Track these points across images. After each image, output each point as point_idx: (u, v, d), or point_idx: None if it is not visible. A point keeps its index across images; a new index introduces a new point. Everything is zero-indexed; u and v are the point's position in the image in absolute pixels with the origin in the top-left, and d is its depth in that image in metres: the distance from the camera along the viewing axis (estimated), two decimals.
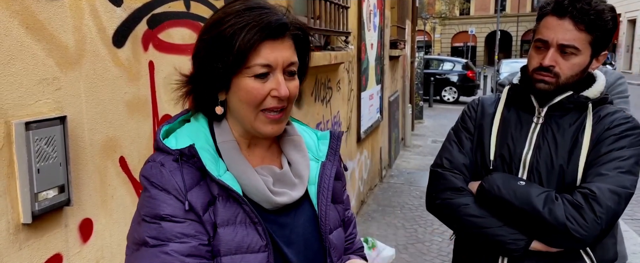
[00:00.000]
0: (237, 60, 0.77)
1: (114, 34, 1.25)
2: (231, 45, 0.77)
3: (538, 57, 1.22)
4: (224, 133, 0.85)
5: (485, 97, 1.44)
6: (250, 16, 0.78)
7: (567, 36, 1.16)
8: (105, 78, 1.22)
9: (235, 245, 0.78)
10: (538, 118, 1.27)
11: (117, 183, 1.28)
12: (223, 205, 0.79)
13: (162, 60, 1.44)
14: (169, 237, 0.74)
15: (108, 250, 1.26)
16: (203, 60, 0.80)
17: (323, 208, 0.91)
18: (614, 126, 1.21)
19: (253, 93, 0.79)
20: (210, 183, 0.79)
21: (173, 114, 1.50)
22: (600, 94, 1.25)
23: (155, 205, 0.76)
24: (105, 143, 1.23)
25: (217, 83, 0.81)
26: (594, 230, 1.11)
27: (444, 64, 15.18)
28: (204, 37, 0.81)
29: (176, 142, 0.82)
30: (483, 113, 1.37)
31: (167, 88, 1.48)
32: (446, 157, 1.35)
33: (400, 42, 6.42)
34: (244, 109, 0.81)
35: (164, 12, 1.44)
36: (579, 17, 1.14)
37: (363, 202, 4.60)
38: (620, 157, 1.17)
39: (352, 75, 4.01)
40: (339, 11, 3.30)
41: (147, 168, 0.80)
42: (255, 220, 0.80)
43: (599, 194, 1.12)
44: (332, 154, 0.95)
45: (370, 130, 4.73)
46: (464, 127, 1.39)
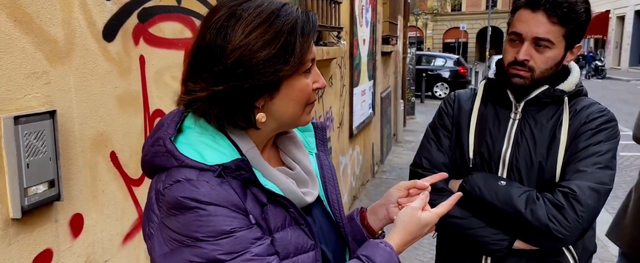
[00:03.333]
0: (298, 61, 0.75)
1: (104, 27, 1.23)
2: (291, 47, 0.74)
3: (513, 51, 1.22)
4: (245, 141, 0.79)
5: (462, 92, 1.42)
6: (293, 14, 0.75)
7: (541, 29, 1.16)
8: (96, 72, 1.21)
9: (293, 247, 0.78)
10: (515, 113, 1.27)
11: (108, 178, 1.27)
12: (272, 211, 0.78)
13: (153, 55, 1.43)
14: (246, 246, 0.72)
15: (99, 245, 1.25)
16: (249, 70, 0.72)
17: (334, 198, 0.92)
18: (590, 120, 1.21)
19: (306, 90, 0.79)
20: (256, 191, 0.77)
21: (164, 108, 1.50)
22: (575, 86, 1.26)
23: (219, 222, 0.70)
24: (96, 138, 1.22)
25: (267, 88, 0.75)
26: (575, 230, 1.12)
27: (436, 60, 15.24)
28: (247, 46, 0.72)
29: (201, 156, 0.75)
30: (460, 109, 1.35)
31: (159, 82, 1.47)
32: (425, 156, 1.34)
33: (392, 38, 6.43)
34: (293, 107, 0.79)
35: (155, 6, 1.43)
36: (552, 10, 1.14)
37: (355, 198, 4.62)
38: (598, 152, 1.18)
39: (345, 71, 4.01)
40: (331, 6, 3.30)
41: (186, 188, 0.71)
42: (301, 222, 0.80)
43: (580, 193, 1.13)
44: (322, 145, 0.96)
45: (363, 126, 4.74)
46: (441, 124, 1.37)
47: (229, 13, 0.74)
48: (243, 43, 0.72)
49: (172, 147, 0.75)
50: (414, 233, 0.88)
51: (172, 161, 0.74)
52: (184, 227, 0.71)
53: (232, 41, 0.73)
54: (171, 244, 0.72)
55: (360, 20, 4.39)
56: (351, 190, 4.46)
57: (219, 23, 0.74)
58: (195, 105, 0.75)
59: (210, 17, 0.76)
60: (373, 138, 5.56)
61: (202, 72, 0.74)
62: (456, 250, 1.34)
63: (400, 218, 0.89)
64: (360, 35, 4.43)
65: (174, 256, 0.72)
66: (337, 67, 3.78)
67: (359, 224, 0.99)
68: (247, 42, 0.72)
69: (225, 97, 0.74)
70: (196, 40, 0.76)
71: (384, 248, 0.83)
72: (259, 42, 0.72)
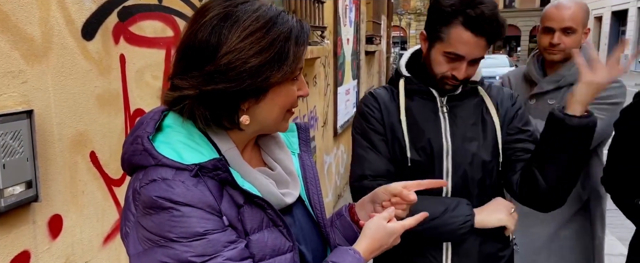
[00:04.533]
0: (292, 67, 0.76)
1: (83, 26, 1.22)
2: (285, 54, 0.74)
3: (448, 66, 1.24)
4: (224, 141, 0.79)
5: (378, 91, 1.38)
6: (289, 22, 0.76)
7: (482, 52, 1.24)
8: (75, 71, 1.19)
9: (269, 249, 0.78)
10: (442, 108, 1.31)
11: (87, 178, 1.26)
12: (249, 212, 0.77)
13: (133, 54, 1.42)
14: (218, 249, 0.71)
15: (79, 246, 1.24)
16: (240, 72, 0.72)
17: (315, 198, 0.92)
18: (514, 102, 1.38)
19: (292, 96, 0.80)
20: (233, 192, 0.76)
21: (145, 108, 1.49)
22: (480, 76, 1.36)
23: (192, 224, 0.70)
24: (75, 137, 1.20)
25: (255, 92, 0.75)
26: None
27: None
28: (239, 50, 0.72)
29: (179, 155, 0.74)
30: (387, 109, 1.32)
31: (139, 82, 1.46)
32: (366, 166, 1.28)
33: (376, 38, 6.47)
34: (275, 113, 0.80)
35: (135, 5, 1.41)
36: (492, 36, 1.21)
37: (340, 196, 4.64)
38: (533, 126, 1.39)
39: (329, 70, 4.02)
40: (315, 6, 3.30)
41: (161, 187, 0.70)
42: (279, 224, 0.80)
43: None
44: (305, 145, 0.96)
45: (347, 124, 4.76)
46: (372, 128, 1.31)
47: (225, 13, 0.74)
48: (238, 47, 0.72)
49: (150, 146, 0.74)
50: (381, 241, 0.89)
51: (149, 160, 0.74)
52: (157, 226, 0.70)
53: (226, 43, 0.72)
54: (145, 244, 0.72)
55: (343, 19, 4.40)
56: (336, 189, 4.48)
57: (214, 22, 0.73)
58: (181, 103, 0.75)
59: (203, 14, 0.75)
60: None
61: (192, 70, 0.73)
62: (415, 245, 1.30)
63: (368, 226, 0.90)
64: (344, 35, 4.45)
65: (147, 256, 0.72)
66: (321, 66, 3.78)
67: (348, 220, 1.00)
68: (242, 46, 0.72)
69: (213, 97, 0.73)
70: (187, 36, 0.75)
71: (352, 255, 0.84)
72: (254, 47, 0.72)
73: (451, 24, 1.20)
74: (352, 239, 0.98)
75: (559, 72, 1.83)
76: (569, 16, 1.76)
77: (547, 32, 1.81)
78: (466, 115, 1.31)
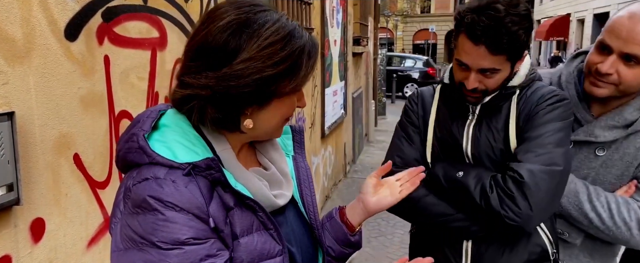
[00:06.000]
0: (302, 81, 0.78)
1: (66, 26, 1.20)
2: (298, 67, 0.76)
3: (461, 74, 1.23)
4: (220, 142, 0.80)
5: (425, 89, 1.44)
6: (304, 38, 0.78)
7: (485, 62, 1.16)
8: (58, 72, 1.17)
9: (257, 253, 0.78)
10: (472, 114, 1.31)
11: (71, 181, 1.24)
12: (239, 215, 0.77)
13: (118, 55, 1.40)
14: (193, 262, 0.71)
15: (62, 250, 1.22)
16: (263, 79, 0.73)
17: (309, 201, 0.93)
18: (542, 101, 1.22)
19: (291, 108, 0.82)
20: (223, 194, 0.76)
21: (131, 109, 1.47)
22: (525, 77, 1.26)
23: (174, 230, 0.70)
24: (58, 140, 1.19)
25: (260, 99, 0.77)
26: (528, 216, 1.15)
27: (406, 61, 15.50)
28: (259, 55, 0.73)
29: (173, 154, 0.74)
30: (424, 107, 1.39)
31: (124, 83, 1.44)
32: (397, 154, 1.36)
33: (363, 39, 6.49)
34: (275, 121, 0.82)
35: (120, 5, 1.40)
36: (492, 46, 1.12)
37: (327, 197, 4.64)
38: (549, 131, 1.18)
39: (316, 72, 4.03)
40: (302, 7, 3.31)
41: (151, 186, 0.70)
42: (270, 227, 0.80)
43: (528, 179, 1.14)
44: (299, 148, 0.98)
45: (334, 126, 4.77)
46: (410, 121, 1.40)
47: (246, 19, 0.74)
48: (257, 55, 0.73)
49: (145, 144, 0.74)
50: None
51: (144, 158, 0.74)
52: (141, 227, 0.70)
53: (246, 49, 0.73)
54: (126, 243, 0.72)
55: (331, 21, 4.41)
56: (323, 190, 4.48)
57: (234, 26, 0.74)
58: (190, 102, 0.75)
59: (220, 16, 0.75)
60: (345, 138, 5.60)
61: (207, 70, 0.74)
62: (434, 239, 1.35)
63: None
64: (332, 36, 4.46)
65: (125, 256, 0.71)
66: None
67: (338, 221, 1.01)
68: (260, 55, 0.73)
69: (223, 100, 0.74)
70: (202, 37, 0.75)
71: None
72: (272, 58, 0.73)
73: (459, 33, 1.20)
74: (343, 241, 1.00)
75: (622, 112, 1.28)
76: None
77: (601, 50, 1.25)
78: (493, 123, 1.27)
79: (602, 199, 1.29)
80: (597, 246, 1.39)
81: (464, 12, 1.16)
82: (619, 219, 1.26)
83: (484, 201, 1.19)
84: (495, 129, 1.27)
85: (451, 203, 1.27)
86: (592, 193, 1.30)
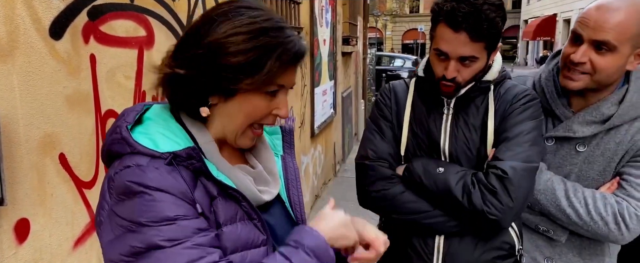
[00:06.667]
0: (263, 81, 0.76)
1: (51, 25, 1.19)
2: (259, 66, 0.75)
3: (440, 66, 1.25)
4: (203, 134, 0.81)
5: (396, 83, 1.43)
6: (281, 38, 0.76)
7: (465, 49, 1.19)
8: (42, 71, 1.16)
9: (242, 242, 0.78)
10: (448, 109, 1.32)
11: (56, 181, 1.23)
12: (223, 204, 0.78)
13: (104, 54, 1.39)
14: (188, 234, 0.71)
15: (47, 251, 1.20)
16: (214, 68, 0.75)
17: (296, 199, 0.93)
18: (516, 101, 1.27)
19: (260, 109, 0.80)
20: (207, 183, 0.77)
21: (117, 108, 1.46)
22: (498, 73, 1.30)
23: (163, 208, 0.70)
24: (43, 139, 1.17)
25: (223, 91, 0.77)
26: (510, 212, 1.18)
27: (395, 61, 15.59)
28: (218, 47, 0.74)
29: (155, 144, 0.75)
30: (397, 101, 1.38)
31: (111, 82, 1.43)
32: (370, 147, 1.35)
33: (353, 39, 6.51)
34: (239, 119, 0.80)
35: (106, 4, 1.39)
36: (472, 32, 1.16)
37: (317, 197, 4.65)
38: (524, 130, 1.23)
39: (305, 71, 4.03)
40: (291, 6, 3.31)
41: (134, 172, 0.72)
42: (254, 217, 0.81)
43: (512, 175, 1.17)
44: (289, 148, 0.98)
45: (324, 125, 4.77)
46: (382, 115, 1.39)
47: (228, 10, 0.77)
48: (221, 41, 0.74)
49: (127, 134, 0.76)
50: (339, 225, 0.84)
51: (125, 148, 0.75)
52: (129, 211, 0.71)
53: (213, 34, 0.75)
54: (117, 230, 0.72)
55: (320, 20, 4.42)
56: (313, 190, 4.48)
57: (213, 16, 0.77)
58: (159, 82, 0.79)
59: (213, 7, 0.79)
60: (334, 137, 5.61)
61: (178, 53, 0.78)
62: (404, 234, 1.35)
63: (323, 212, 0.87)
64: (321, 36, 4.46)
65: (119, 242, 0.72)
66: (298, 67, 3.78)
67: None
68: (224, 41, 0.74)
69: (185, 81, 0.76)
70: (191, 25, 0.80)
71: (310, 232, 0.81)
72: (235, 47, 0.74)
73: (438, 22, 1.23)
74: None
75: (599, 107, 1.30)
76: (613, 24, 1.19)
77: (574, 41, 1.27)
78: (471, 120, 1.30)
79: (579, 195, 1.30)
80: (584, 244, 1.41)
81: (442, 2, 1.20)
82: (596, 214, 1.27)
83: (466, 197, 1.20)
84: (473, 126, 1.30)
85: (428, 200, 1.27)
86: (569, 189, 1.31)
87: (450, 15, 1.17)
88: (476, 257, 1.29)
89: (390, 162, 1.33)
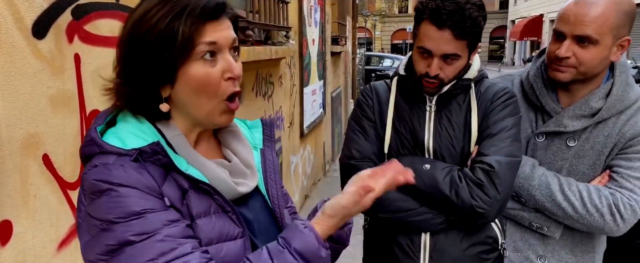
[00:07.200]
0: (182, 47, 0.73)
1: (34, 24, 1.17)
2: (173, 33, 0.73)
3: (423, 63, 1.27)
4: (171, 129, 0.80)
5: (377, 84, 1.45)
6: (182, 2, 0.74)
7: (449, 47, 1.22)
8: (25, 71, 1.14)
9: (216, 234, 0.78)
10: (430, 106, 1.34)
11: (40, 182, 1.21)
12: (195, 197, 0.77)
13: (89, 53, 1.38)
14: (157, 227, 0.70)
15: (30, 253, 1.19)
16: (141, 57, 0.74)
17: (274, 193, 0.93)
18: (496, 98, 1.31)
19: (207, 79, 0.76)
20: (178, 177, 0.76)
21: (102, 109, 1.44)
22: (477, 72, 1.34)
23: (129, 203, 0.70)
24: (26, 140, 1.16)
25: (162, 77, 0.75)
26: (496, 204, 1.21)
27: (384, 61, 15.66)
28: (135, 34, 0.74)
29: (123, 143, 0.75)
30: (379, 101, 1.40)
31: (96, 82, 1.41)
32: (354, 147, 1.36)
33: (342, 39, 6.52)
34: (195, 99, 0.77)
35: (91, 3, 1.37)
36: (456, 29, 1.19)
37: (307, 197, 4.65)
38: (506, 126, 1.27)
39: (294, 71, 4.03)
40: (279, 6, 3.30)
41: (101, 171, 0.72)
42: (228, 210, 0.80)
43: (498, 168, 1.21)
44: (269, 141, 0.97)
45: (314, 125, 4.78)
46: (365, 115, 1.40)
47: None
48: (128, 38, 0.76)
49: (95, 135, 0.76)
50: (342, 213, 0.84)
51: (95, 148, 0.75)
52: (100, 210, 0.71)
53: (128, 25, 0.76)
54: (92, 230, 0.72)
55: (309, 20, 4.42)
56: (303, 189, 4.48)
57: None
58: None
59: None
60: (324, 137, 5.61)
61: (117, 61, 0.79)
62: (390, 233, 1.36)
63: (326, 205, 0.86)
64: (310, 35, 4.46)
65: (95, 242, 0.72)
66: (287, 67, 3.78)
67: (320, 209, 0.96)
68: (130, 37, 0.75)
69: (130, 87, 0.76)
70: None
71: (302, 230, 0.79)
72: (146, 27, 0.74)
73: (422, 21, 1.25)
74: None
75: (588, 101, 1.32)
76: (592, 18, 1.22)
77: (557, 37, 1.31)
78: (454, 118, 1.32)
79: (573, 188, 1.32)
80: (576, 241, 1.43)
81: (426, 1, 1.23)
82: (591, 206, 1.29)
83: (454, 192, 1.22)
84: (456, 124, 1.32)
85: (414, 197, 1.28)
86: (563, 183, 1.33)
87: (434, 13, 1.20)
88: (462, 252, 1.31)
89: (375, 161, 1.34)
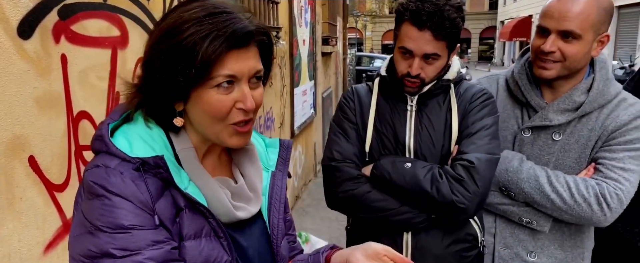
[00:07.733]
0: (199, 72, 0.71)
1: (19, 24, 1.16)
2: (193, 56, 0.70)
3: (405, 63, 1.31)
4: (182, 141, 0.79)
5: (359, 86, 1.48)
6: (212, 24, 0.71)
7: (429, 47, 1.25)
8: (10, 72, 1.13)
9: (202, 259, 0.75)
10: (411, 106, 1.37)
11: (26, 184, 1.19)
12: (189, 217, 0.75)
13: (76, 54, 1.36)
14: (141, 246, 0.69)
15: (16, 256, 1.17)
16: (159, 71, 0.72)
17: (275, 221, 0.89)
18: (475, 99, 1.36)
19: (217, 106, 0.74)
20: (175, 194, 0.75)
21: (90, 110, 1.43)
22: (456, 73, 1.38)
23: (119, 215, 0.69)
24: (12, 141, 1.14)
25: (175, 94, 0.74)
26: (476, 199, 1.24)
27: (375, 61, 15.72)
28: (160, 46, 0.72)
29: (130, 146, 0.74)
30: (361, 103, 1.42)
31: (83, 83, 1.40)
32: (336, 149, 1.38)
33: (332, 39, 6.53)
34: (205, 120, 0.76)
35: (78, 3, 1.36)
36: (436, 30, 1.23)
37: (297, 197, 4.65)
38: (485, 125, 1.31)
39: (285, 71, 4.02)
40: (269, 6, 3.30)
41: (99, 173, 0.70)
42: (220, 235, 0.77)
43: (478, 164, 1.24)
44: (282, 164, 0.94)
45: (304, 125, 4.78)
46: (346, 117, 1.42)
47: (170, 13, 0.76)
48: (152, 47, 0.74)
49: (105, 132, 0.75)
50: None
51: (102, 146, 0.74)
52: (91, 213, 0.70)
53: (150, 40, 0.76)
54: (79, 228, 0.72)
55: (299, 20, 4.42)
56: (294, 190, 4.48)
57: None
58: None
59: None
60: (315, 138, 5.62)
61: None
62: (372, 233, 1.34)
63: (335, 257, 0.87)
64: (300, 36, 4.46)
65: (79, 241, 0.71)
66: (277, 67, 3.78)
67: (321, 259, 0.94)
68: (154, 46, 0.74)
69: (146, 96, 0.76)
70: None
71: None
72: (172, 42, 0.71)
73: (403, 22, 1.28)
74: None
75: (571, 95, 1.37)
76: (575, 14, 1.27)
77: (541, 33, 1.34)
78: (434, 118, 1.35)
79: (561, 180, 1.36)
80: (565, 236, 1.46)
81: (407, 2, 1.26)
82: (579, 196, 1.33)
83: (435, 188, 1.24)
84: (437, 123, 1.35)
85: (395, 197, 1.30)
86: (551, 176, 1.37)
87: (415, 14, 1.23)
88: (443, 250, 1.34)
89: (356, 162, 1.36)
